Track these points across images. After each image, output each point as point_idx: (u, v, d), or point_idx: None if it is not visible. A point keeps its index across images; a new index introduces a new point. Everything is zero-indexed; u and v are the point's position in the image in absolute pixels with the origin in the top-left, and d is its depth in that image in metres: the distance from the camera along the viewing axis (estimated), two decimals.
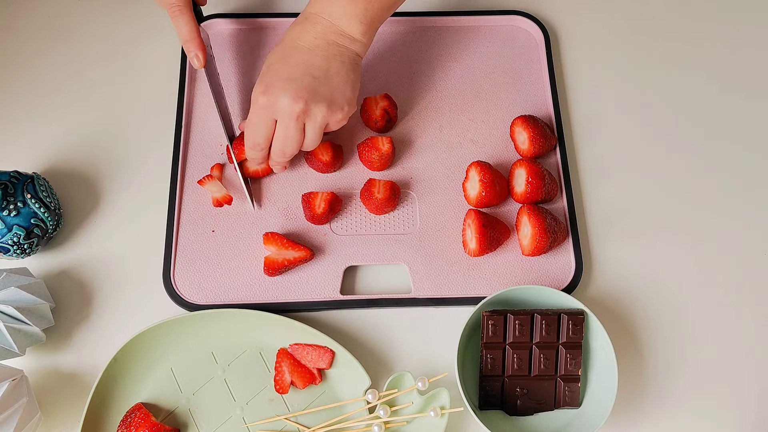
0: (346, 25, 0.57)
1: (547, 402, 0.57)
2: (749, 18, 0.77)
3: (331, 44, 0.57)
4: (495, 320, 0.56)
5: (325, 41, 0.57)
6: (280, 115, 0.56)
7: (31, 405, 0.52)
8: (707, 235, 0.65)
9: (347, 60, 0.57)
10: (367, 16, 0.57)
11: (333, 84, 0.56)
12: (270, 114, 0.56)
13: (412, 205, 0.65)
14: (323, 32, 0.57)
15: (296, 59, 0.56)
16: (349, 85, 0.58)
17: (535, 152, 0.65)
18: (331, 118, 0.57)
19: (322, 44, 0.57)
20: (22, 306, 0.55)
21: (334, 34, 0.57)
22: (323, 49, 0.57)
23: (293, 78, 0.55)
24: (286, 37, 0.58)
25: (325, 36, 0.57)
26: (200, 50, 0.62)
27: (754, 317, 0.62)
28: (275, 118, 0.56)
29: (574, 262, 0.62)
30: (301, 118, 0.56)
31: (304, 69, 0.56)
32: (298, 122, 0.56)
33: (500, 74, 0.72)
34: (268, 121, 0.57)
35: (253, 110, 0.57)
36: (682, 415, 0.59)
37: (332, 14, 0.56)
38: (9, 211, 0.57)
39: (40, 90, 0.70)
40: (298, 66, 0.56)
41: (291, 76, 0.55)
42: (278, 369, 0.57)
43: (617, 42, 0.75)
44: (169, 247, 0.62)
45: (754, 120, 0.71)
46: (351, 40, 0.57)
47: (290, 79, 0.55)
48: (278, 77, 0.56)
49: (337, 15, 0.56)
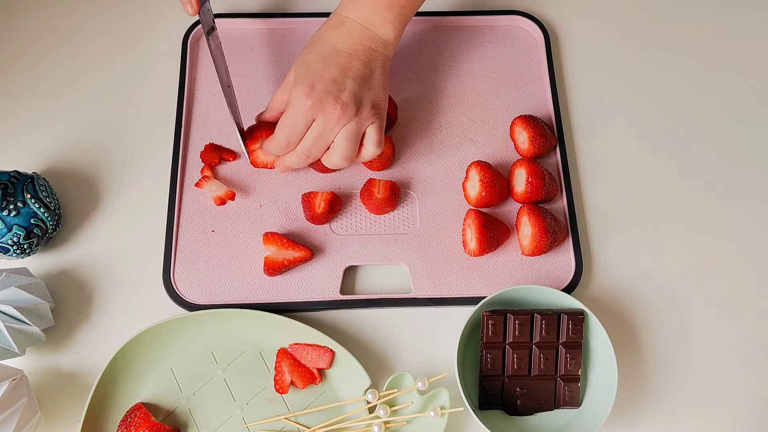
0: (381, 30, 0.58)
1: (547, 402, 0.57)
2: (750, 19, 0.77)
3: (368, 50, 0.58)
4: (495, 320, 0.56)
5: (362, 46, 0.57)
6: (323, 117, 0.56)
7: (31, 405, 0.52)
8: (707, 235, 0.65)
9: (381, 66, 0.59)
10: (401, 21, 0.58)
11: (375, 90, 0.57)
12: (312, 116, 0.56)
13: (412, 205, 0.65)
14: (361, 38, 0.57)
15: (337, 62, 0.56)
16: (385, 87, 0.59)
17: (535, 152, 0.65)
18: (370, 122, 0.58)
19: (360, 49, 0.57)
20: (22, 306, 0.55)
21: (369, 40, 0.58)
22: (362, 54, 0.57)
23: (337, 81, 0.55)
24: (323, 41, 0.58)
25: (362, 41, 0.57)
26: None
27: (755, 317, 0.62)
28: (315, 118, 0.56)
29: (574, 262, 0.62)
30: (341, 122, 0.56)
31: (345, 73, 0.56)
32: (336, 126, 0.56)
33: (500, 74, 0.72)
34: (308, 122, 0.57)
35: (293, 110, 0.56)
36: (682, 414, 0.59)
37: (368, 20, 0.58)
38: (9, 211, 0.57)
39: (40, 90, 0.70)
40: (338, 69, 0.56)
41: (334, 79, 0.56)
42: (278, 369, 0.57)
43: (617, 42, 0.75)
44: (169, 247, 0.62)
45: (754, 119, 0.71)
46: (385, 45, 0.59)
47: (334, 83, 0.55)
48: (322, 79, 0.56)
49: (373, 21, 0.58)
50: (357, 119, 0.57)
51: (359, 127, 0.58)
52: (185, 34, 0.72)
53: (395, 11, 0.58)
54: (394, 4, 0.58)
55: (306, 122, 0.57)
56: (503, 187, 0.64)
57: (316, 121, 0.57)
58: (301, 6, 0.75)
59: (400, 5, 0.58)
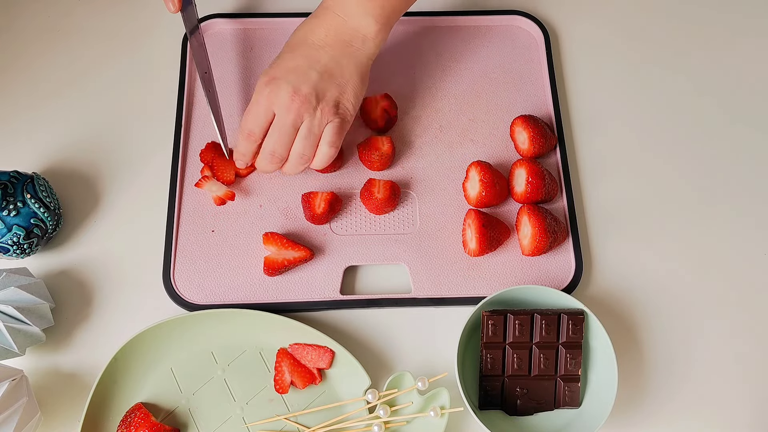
0: (360, 23, 0.55)
1: (547, 402, 0.57)
2: (750, 19, 0.77)
3: (341, 43, 0.55)
4: (495, 320, 0.56)
5: (335, 39, 0.55)
6: (278, 108, 0.54)
7: (31, 405, 0.52)
8: (707, 235, 0.65)
9: (355, 63, 0.56)
10: (383, 15, 0.55)
11: (337, 85, 0.55)
12: (270, 104, 0.55)
13: (412, 205, 0.65)
14: (335, 30, 0.55)
15: (303, 53, 0.55)
16: (354, 85, 0.56)
17: (535, 152, 0.65)
18: (330, 118, 0.55)
19: (332, 42, 0.55)
20: (22, 306, 0.55)
21: (346, 33, 0.55)
22: (332, 48, 0.55)
23: (297, 71, 0.54)
24: (298, 31, 0.57)
25: (336, 34, 0.55)
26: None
27: (755, 317, 0.62)
28: (274, 111, 0.55)
29: (574, 262, 0.62)
30: (299, 114, 0.54)
31: (309, 64, 0.54)
32: (294, 118, 0.54)
33: (500, 74, 0.72)
34: (267, 112, 0.55)
35: (254, 99, 0.56)
36: (682, 414, 0.59)
37: (347, 11, 0.55)
38: (9, 211, 0.57)
39: (40, 90, 0.70)
40: (304, 60, 0.54)
41: (295, 69, 0.54)
42: (278, 369, 0.57)
43: (617, 42, 0.75)
44: (169, 247, 0.62)
45: (754, 119, 0.71)
46: (363, 40, 0.56)
47: (294, 72, 0.54)
48: (283, 69, 0.54)
49: (352, 12, 0.55)
50: (314, 115, 0.54)
51: (317, 125, 0.55)
52: (185, 34, 0.72)
53: (376, 3, 0.54)
54: None
55: (265, 112, 0.55)
56: (503, 187, 0.64)
57: (276, 113, 0.55)
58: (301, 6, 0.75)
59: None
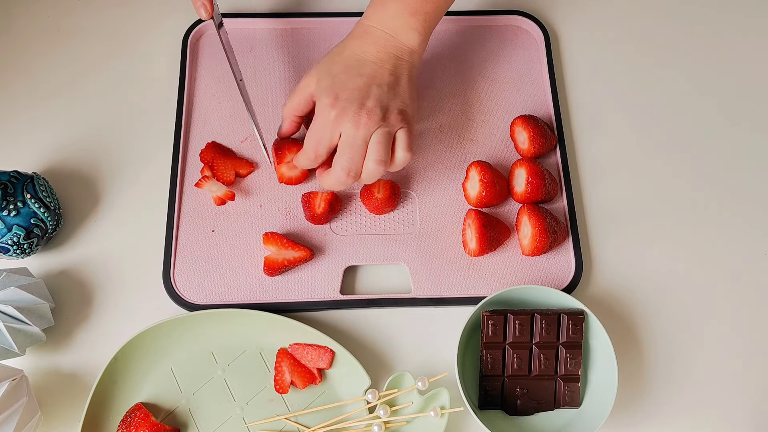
0: (406, 37, 0.57)
1: (547, 402, 0.57)
2: (750, 19, 0.77)
3: (393, 58, 0.56)
4: (495, 320, 0.56)
5: (387, 54, 0.56)
6: (346, 127, 0.54)
7: (31, 405, 0.52)
8: (707, 235, 0.65)
9: (408, 73, 0.57)
10: (425, 27, 0.57)
11: (401, 97, 0.56)
12: (337, 126, 0.54)
13: (412, 205, 0.65)
14: (385, 46, 0.56)
15: (362, 71, 0.55)
16: (414, 98, 0.58)
17: (535, 152, 0.65)
18: (399, 126, 0.55)
19: (386, 57, 0.56)
20: (22, 306, 0.55)
21: (395, 48, 0.56)
22: (388, 63, 0.56)
23: (361, 89, 0.54)
24: (347, 50, 0.57)
25: (387, 50, 0.56)
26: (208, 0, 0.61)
27: (755, 317, 0.62)
28: (341, 131, 0.54)
29: (574, 262, 0.62)
30: (368, 128, 0.54)
31: (371, 81, 0.55)
32: (365, 133, 0.54)
33: (500, 74, 0.72)
34: (333, 133, 0.55)
35: (320, 121, 0.55)
36: (682, 414, 0.59)
37: (393, 28, 0.56)
38: (9, 211, 0.57)
39: (40, 90, 0.70)
40: (365, 78, 0.55)
41: (359, 88, 0.54)
42: (278, 369, 0.57)
43: (617, 42, 0.75)
44: (169, 247, 0.62)
45: (755, 120, 0.71)
46: (410, 52, 0.57)
47: (359, 91, 0.54)
48: (346, 89, 0.54)
49: (396, 28, 0.56)
50: (385, 125, 0.55)
51: (389, 132, 0.55)
52: (185, 34, 0.72)
53: (420, 18, 0.57)
54: (418, 11, 0.57)
55: (332, 132, 0.55)
56: (503, 187, 0.64)
57: (343, 132, 0.54)
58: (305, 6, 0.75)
59: (425, 12, 0.57)
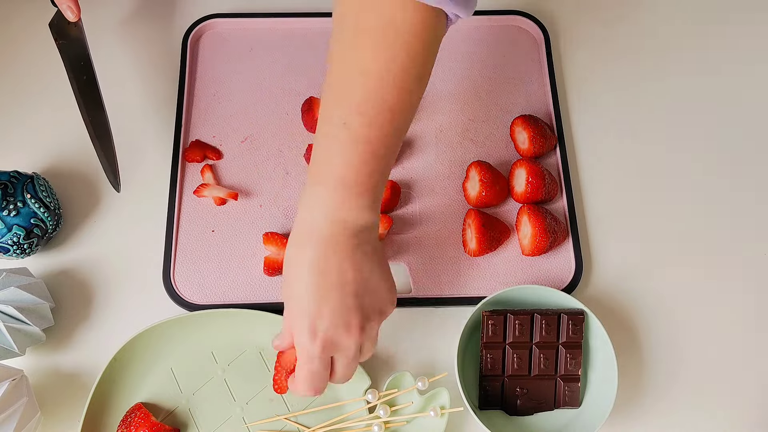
0: (361, 220, 0.48)
1: (547, 402, 0.57)
2: (750, 18, 0.76)
3: (352, 249, 0.48)
4: (495, 320, 0.56)
5: (345, 252, 0.48)
6: (338, 352, 0.49)
7: (31, 405, 0.52)
8: (707, 235, 0.65)
9: (372, 253, 0.49)
10: (376, 200, 0.49)
11: (373, 288, 0.49)
12: (327, 355, 0.49)
13: (412, 205, 0.65)
14: (344, 244, 0.48)
15: (327, 286, 0.47)
16: (385, 276, 0.50)
17: (535, 152, 0.65)
18: (384, 318, 0.51)
19: (345, 256, 0.48)
20: (22, 306, 0.55)
21: (354, 237, 0.48)
22: (349, 261, 0.48)
23: (336, 310, 0.47)
24: (301, 266, 0.48)
25: (346, 247, 0.48)
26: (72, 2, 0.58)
27: (754, 317, 0.62)
28: (333, 355, 0.49)
29: (574, 262, 0.62)
30: (360, 343, 0.49)
31: (342, 293, 0.48)
32: (357, 348, 0.49)
33: (500, 74, 0.72)
34: (327, 363, 0.49)
35: (307, 362, 0.48)
36: (682, 414, 0.59)
37: (343, 219, 0.48)
38: (9, 211, 0.57)
39: (40, 90, 0.70)
40: (334, 293, 0.47)
41: (333, 310, 0.47)
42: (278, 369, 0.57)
43: (617, 42, 0.75)
44: (169, 247, 0.62)
45: (754, 119, 0.71)
46: (368, 230, 0.49)
47: (334, 313, 0.47)
48: (322, 316, 0.47)
49: (348, 218, 0.48)
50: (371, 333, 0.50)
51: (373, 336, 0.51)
52: (185, 34, 0.72)
53: (369, 196, 0.48)
54: (366, 189, 0.48)
55: (324, 365, 0.49)
56: (503, 187, 0.64)
57: (336, 357, 0.49)
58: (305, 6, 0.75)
59: (373, 186, 0.48)
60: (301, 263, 0.48)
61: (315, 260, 0.47)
